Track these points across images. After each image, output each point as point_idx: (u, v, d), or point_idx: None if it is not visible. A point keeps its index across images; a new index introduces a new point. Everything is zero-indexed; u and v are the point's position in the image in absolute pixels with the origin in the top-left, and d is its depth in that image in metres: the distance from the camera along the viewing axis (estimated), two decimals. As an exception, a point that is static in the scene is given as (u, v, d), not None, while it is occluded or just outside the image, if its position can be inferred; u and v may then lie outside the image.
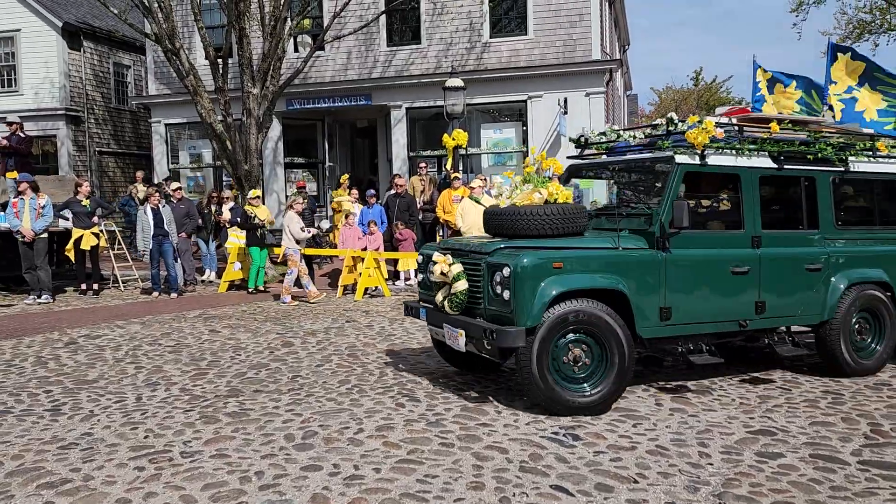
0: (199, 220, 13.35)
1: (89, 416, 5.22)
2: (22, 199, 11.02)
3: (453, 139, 13.43)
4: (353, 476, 4.08)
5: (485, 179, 12.66)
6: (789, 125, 6.45)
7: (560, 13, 16.10)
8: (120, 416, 5.22)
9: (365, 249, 11.76)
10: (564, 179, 6.98)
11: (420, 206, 13.23)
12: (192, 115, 15.53)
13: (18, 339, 8.11)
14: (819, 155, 6.32)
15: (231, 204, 13.23)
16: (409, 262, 12.12)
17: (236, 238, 12.32)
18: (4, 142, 12.32)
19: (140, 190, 16.24)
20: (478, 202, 10.23)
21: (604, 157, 6.84)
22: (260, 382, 6.20)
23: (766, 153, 6.16)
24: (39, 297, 10.95)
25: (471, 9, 16.54)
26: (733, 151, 6.00)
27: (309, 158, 18.84)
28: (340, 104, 17.35)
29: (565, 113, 15.57)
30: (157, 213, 11.62)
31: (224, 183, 17.94)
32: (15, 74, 20.73)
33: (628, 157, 6.54)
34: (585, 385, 5.24)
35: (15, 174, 12.05)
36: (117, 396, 5.74)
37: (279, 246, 12.18)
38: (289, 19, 14.35)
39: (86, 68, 21.20)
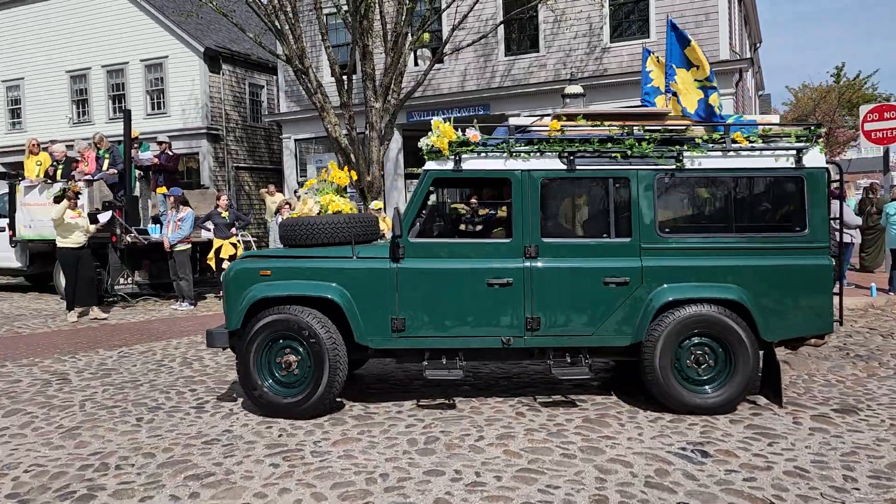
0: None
1: (229, 414, 5.57)
2: (174, 212, 11.96)
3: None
4: (475, 483, 4.12)
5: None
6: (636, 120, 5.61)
7: (685, 13, 15.59)
8: (256, 415, 5.53)
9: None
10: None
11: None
12: (319, 131, 16.28)
13: (167, 342, 8.76)
14: (630, 152, 5.42)
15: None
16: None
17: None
18: (156, 160, 13.40)
19: (272, 200, 17.13)
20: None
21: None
22: (382, 390, 6.38)
23: (555, 153, 5.47)
24: (182, 304, 11.79)
25: (590, 13, 16.35)
26: (504, 154, 5.47)
27: (429, 169, 19.20)
28: (459, 114, 17.61)
29: (691, 116, 15.02)
30: (288, 223, 12.22)
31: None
32: (163, 97, 22.51)
33: None
34: (295, 389, 5.42)
35: (164, 189, 13.07)
36: (253, 397, 6.08)
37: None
38: (409, 34, 14.76)
39: (224, 89, 22.68)
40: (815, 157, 5.44)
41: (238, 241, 12.75)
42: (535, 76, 16.90)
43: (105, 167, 12.61)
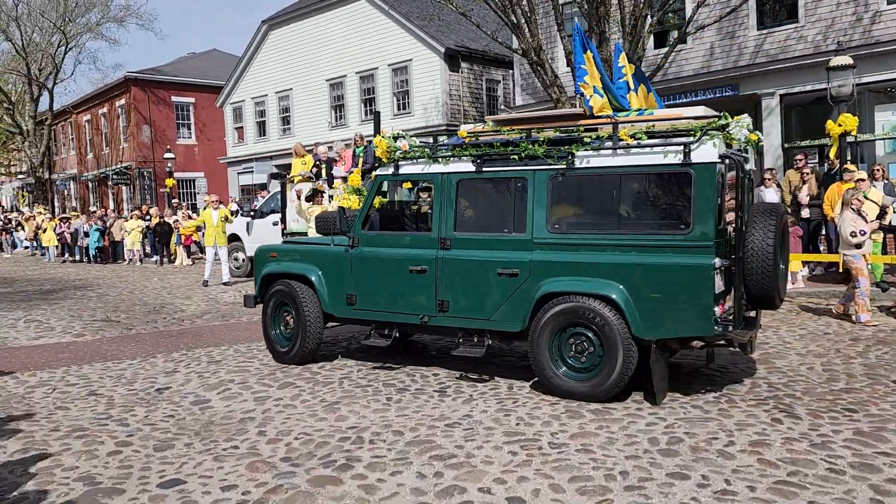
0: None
1: (469, 399, 5.77)
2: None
3: (839, 125, 11.83)
4: (725, 491, 3.83)
5: (880, 169, 10.94)
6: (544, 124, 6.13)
7: None
8: (495, 402, 5.66)
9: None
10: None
11: (806, 202, 11.83)
12: (555, 122, 16.21)
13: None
14: (523, 154, 5.81)
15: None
16: (795, 263, 10.75)
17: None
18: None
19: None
20: (865, 197, 8.85)
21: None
22: (622, 382, 6.19)
23: (469, 157, 6.08)
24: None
25: (861, -26, 14.43)
26: (428, 159, 6.34)
27: (669, 157, 18.32)
28: (703, 97, 16.54)
29: None
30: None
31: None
32: (408, 98, 24.02)
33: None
34: (287, 342, 7.14)
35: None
36: (492, 384, 6.24)
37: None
38: (649, 17, 14.16)
39: (462, 86, 23.60)
40: (704, 152, 5.19)
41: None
42: (792, 50, 15.33)
43: (360, 164, 13.74)
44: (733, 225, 5.51)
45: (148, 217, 21.70)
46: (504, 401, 5.69)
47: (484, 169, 6.06)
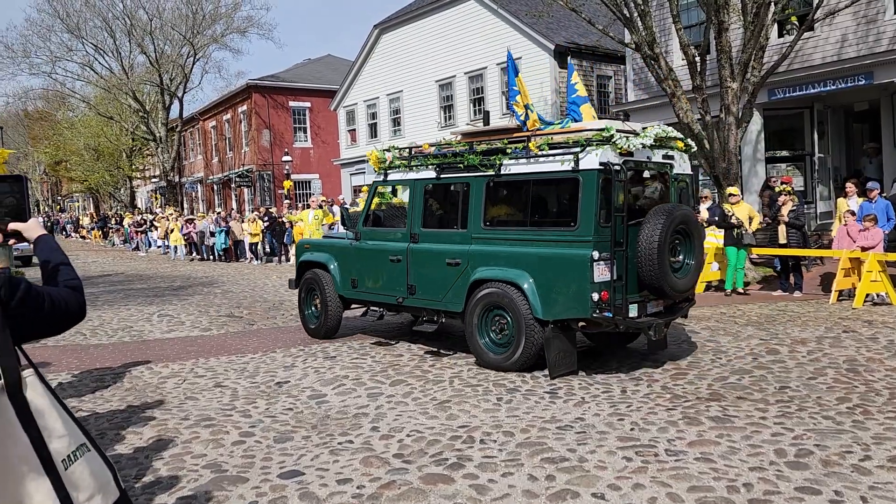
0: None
1: (581, 402, 5.66)
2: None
3: None
4: (862, 510, 3.56)
5: None
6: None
7: None
8: (607, 405, 5.53)
9: (864, 250, 10.26)
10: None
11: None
12: (669, 117, 15.68)
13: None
14: (465, 163, 6.93)
15: (709, 203, 12.95)
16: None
17: (714, 238, 12.02)
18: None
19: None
20: None
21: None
22: (743, 389, 5.89)
23: (433, 166, 7.30)
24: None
25: None
26: (405, 168, 7.66)
27: (794, 151, 17.30)
28: (833, 87, 15.49)
29: None
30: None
31: (700, 182, 17.69)
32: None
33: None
34: (316, 320, 8.69)
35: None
36: (604, 387, 6.10)
37: (757, 246, 11.52)
38: (772, 3, 13.40)
39: (572, 84, 23.22)
40: (589, 161, 6.08)
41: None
42: (936, 33, 14.08)
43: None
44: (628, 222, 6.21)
45: (267, 218, 22.73)
46: (617, 405, 5.55)
47: (442, 176, 7.28)
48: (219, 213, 28.20)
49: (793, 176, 16.42)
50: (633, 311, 6.26)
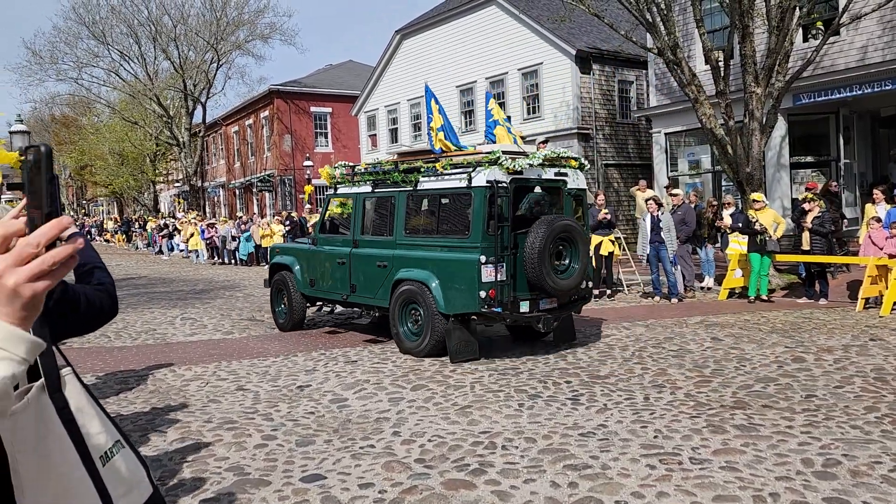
0: (695, 227, 13.26)
1: (603, 409, 5.62)
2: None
3: None
4: (892, 522, 3.49)
5: None
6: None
7: None
8: (630, 412, 5.48)
9: (891, 258, 10.10)
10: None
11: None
12: (691, 123, 15.60)
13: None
14: (391, 180, 8.20)
15: (732, 209, 12.83)
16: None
17: (738, 244, 11.89)
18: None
19: (643, 196, 16.91)
20: None
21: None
22: (769, 397, 5.82)
23: (370, 182, 8.56)
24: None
25: None
26: (349, 183, 8.96)
27: (819, 156, 17.09)
28: (859, 92, 15.31)
29: None
30: (655, 220, 11.94)
31: (723, 188, 17.54)
32: (538, 102, 23.86)
33: None
34: (284, 317, 9.86)
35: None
36: (626, 394, 6.05)
37: (781, 253, 11.39)
38: (797, 8, 13.26)
39: (594, 89, 23.15)
40: (479, 179, 7.26)
41: (618, 238, 12.86)
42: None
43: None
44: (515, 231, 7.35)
45: (287, 222, 22.87)
46: (640, 412, 5.50)
47: (375, 190, 8.54)
48: (240, 217, 28.43)
49: (818, 182, 16.22)
50: (524, 307, 7.35)
